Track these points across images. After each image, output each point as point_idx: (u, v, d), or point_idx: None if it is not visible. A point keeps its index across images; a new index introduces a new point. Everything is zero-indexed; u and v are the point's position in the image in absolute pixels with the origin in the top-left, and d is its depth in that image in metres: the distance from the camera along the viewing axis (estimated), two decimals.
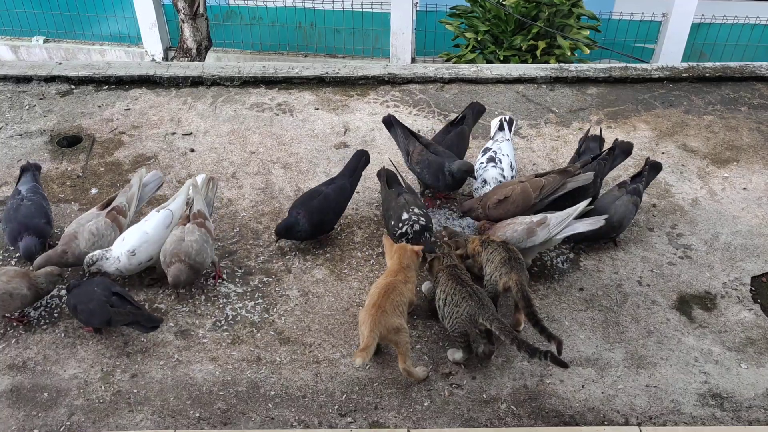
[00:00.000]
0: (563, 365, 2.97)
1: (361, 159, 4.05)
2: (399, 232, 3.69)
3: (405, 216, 3.70)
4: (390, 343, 3.11)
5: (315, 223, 3.74)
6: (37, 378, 3.19)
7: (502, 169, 4.06)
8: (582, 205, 3.54)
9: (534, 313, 3.13)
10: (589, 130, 4.43)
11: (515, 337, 2.98)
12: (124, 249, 3.45)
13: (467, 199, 4.08)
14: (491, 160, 4.10)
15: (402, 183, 3.99)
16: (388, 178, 4.01)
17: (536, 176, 3.84)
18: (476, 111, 4.42)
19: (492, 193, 3.86)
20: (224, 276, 3.69)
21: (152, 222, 3.55)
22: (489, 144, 4.27)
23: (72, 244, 3.54)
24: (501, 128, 4.33)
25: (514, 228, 3.57)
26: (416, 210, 3.72)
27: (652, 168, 4.06)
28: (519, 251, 3.43)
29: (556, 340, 3.03)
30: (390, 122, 4.30)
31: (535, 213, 3.72)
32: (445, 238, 3.71)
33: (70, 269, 3.66)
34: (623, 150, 4.11)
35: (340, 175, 3.99)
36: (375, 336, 2.96)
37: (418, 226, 3.66)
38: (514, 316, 3.41)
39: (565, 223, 3.50)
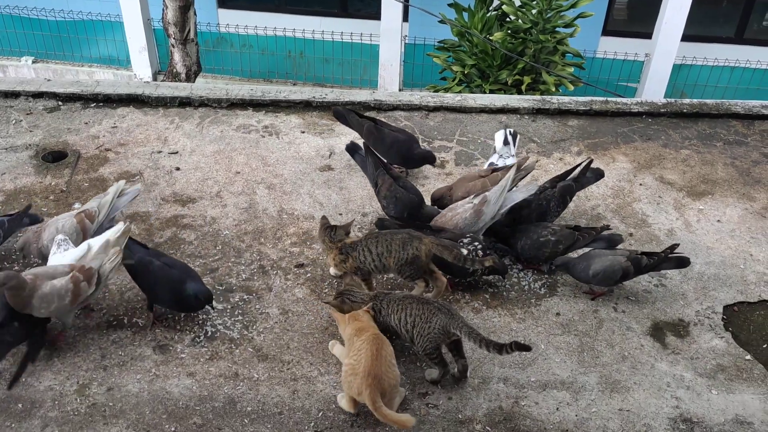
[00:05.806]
0: (526, 348, 3.06)
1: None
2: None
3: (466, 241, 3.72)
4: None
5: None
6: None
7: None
8: (510, 174, 3.80)
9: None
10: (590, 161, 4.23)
11: (482, 338, 3.05)
12: None
13: (439, 189, 4.25)
14: None
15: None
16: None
17: (493, 171, 4.12)
18: None
19: (457, 187, 4.08)
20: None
21: (70, 255, 3.39)
22: (494, 159, 4.40)
23: (40, 235, 3.62)
24: (506, 143, 4.46)
25: (462, 216, 3.78)
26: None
27: (670, 260, 3.76)
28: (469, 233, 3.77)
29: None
30: (353, 149, 4.35)
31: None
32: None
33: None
34: (595, 174, 4.23)
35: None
36: (381, 404, 2.90)
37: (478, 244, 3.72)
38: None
39: (503, 196, 3.75)
